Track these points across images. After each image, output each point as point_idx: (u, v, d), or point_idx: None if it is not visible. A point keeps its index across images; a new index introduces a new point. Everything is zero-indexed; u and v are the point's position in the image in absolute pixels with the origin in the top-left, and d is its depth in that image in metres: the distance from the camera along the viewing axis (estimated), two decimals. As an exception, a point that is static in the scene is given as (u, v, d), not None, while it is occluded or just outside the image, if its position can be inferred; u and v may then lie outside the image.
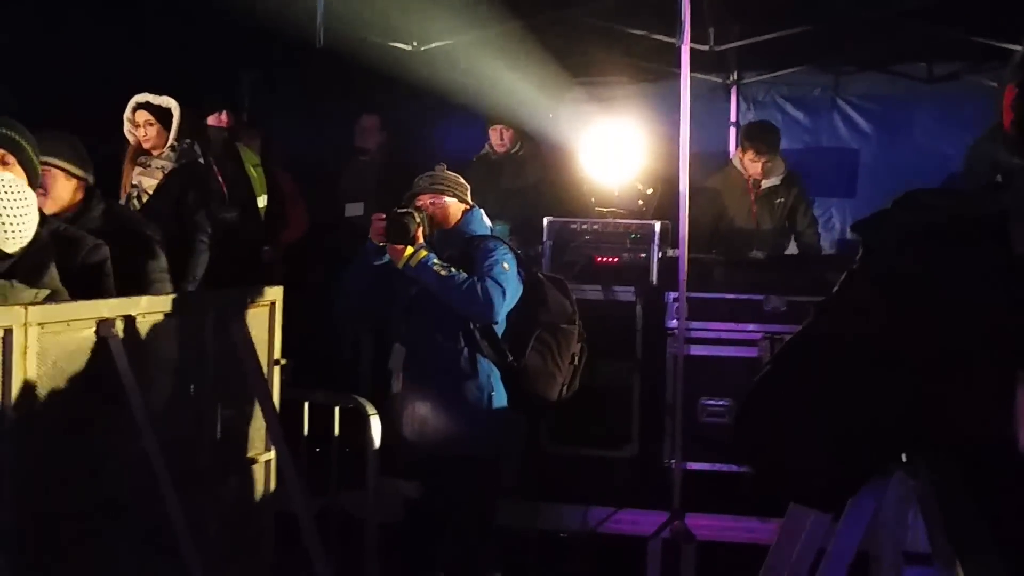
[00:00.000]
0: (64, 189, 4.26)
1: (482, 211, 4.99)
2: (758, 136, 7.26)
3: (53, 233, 3.94)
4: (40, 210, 3.95)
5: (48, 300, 3.48)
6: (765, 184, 7.25)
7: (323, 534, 4.31)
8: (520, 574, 5.20)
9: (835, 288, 1.63)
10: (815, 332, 1.58)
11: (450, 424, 4.71)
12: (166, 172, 6.01)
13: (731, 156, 7.75)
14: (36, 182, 4.08)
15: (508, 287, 4.66)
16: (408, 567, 4.92)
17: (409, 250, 4.64)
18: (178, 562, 3.57)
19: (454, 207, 4.89)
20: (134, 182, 6.01)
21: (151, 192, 5.97)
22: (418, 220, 4.69)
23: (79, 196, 4.33)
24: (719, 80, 8.59)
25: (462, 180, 4.99)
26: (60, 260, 3.85)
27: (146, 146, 6.04)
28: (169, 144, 6.03)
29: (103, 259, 4.01)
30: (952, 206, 1.58)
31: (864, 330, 1.51)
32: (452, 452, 4.70)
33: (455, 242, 4.83)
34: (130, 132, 6.04)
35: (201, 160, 6.12)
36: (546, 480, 6.23)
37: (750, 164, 7.21)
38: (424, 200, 4.86)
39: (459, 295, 4.59)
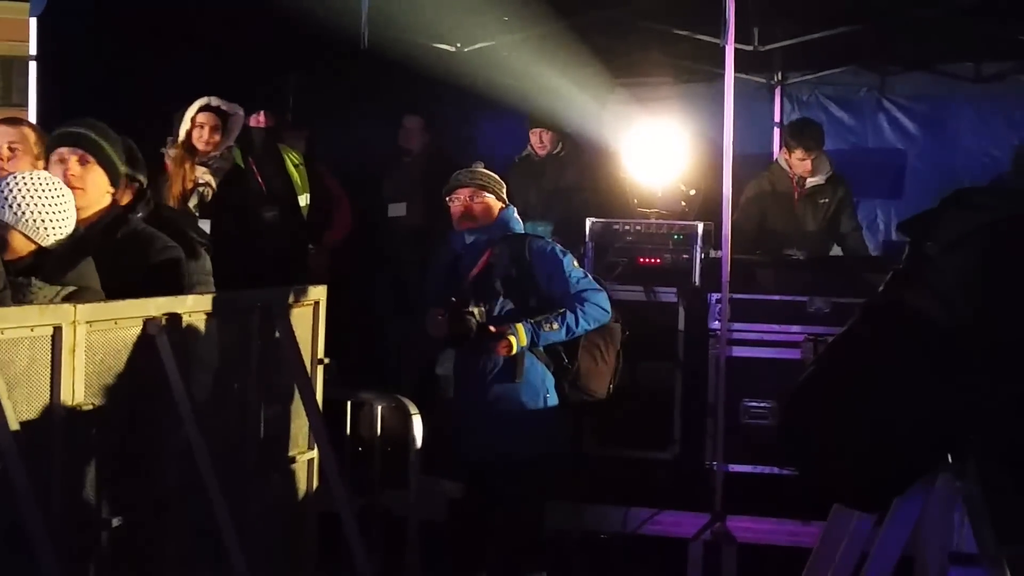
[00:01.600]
0: (103, 187, 4.28)
1: (515, 210, 5.02)
2: (806, 133, 7.21)
3: (129, 232, 4.01)
4: (121, 209, 4.04)
5: (73, 297, 3.51)
6: (810, 183, 7.20)
7: (365, 533, 4.33)
8: (562, 575, 5.19)
9: (880, 288, 1.61)
10: (860, 332, 1.57)
11: (505, 426, 4.72)
12: (224, 172, 6.11)
13: (775, 157, 7.69)
14: (117, 183, 4.16)
15: (595, 284, 4.79)
16: (451, 566, 4.93)
17: (514, 341, 4.66)
18: (222, 559, 3.59)
19: (492, 203, 4.93)
20: (201, 180, 6.09)
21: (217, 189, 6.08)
22: (475, 311, 4.70)
23: (128, 197, 4.36)
24: (763, 80, 8.54)
25: (499, 178, 5.02)
26: (132, 259, 3.94)
27: (204, 148, 6.10)
28: (227, 146, 6.12)
29: (175, 259, 4.06)
30: (1004, 205, 1.56)
31: (913, 331, 1.50)
32: (507, 454, 4.71)
33: (493, 238, 4.85)
34: (187, 131, 6.10)
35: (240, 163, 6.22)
36: (588, 481, 6.22)
37: (797, 163, 7.16)
38: (463, 194, 4.89)
39: (583, 331, 4.72)
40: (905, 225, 1.62)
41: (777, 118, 8.49)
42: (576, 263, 4.81)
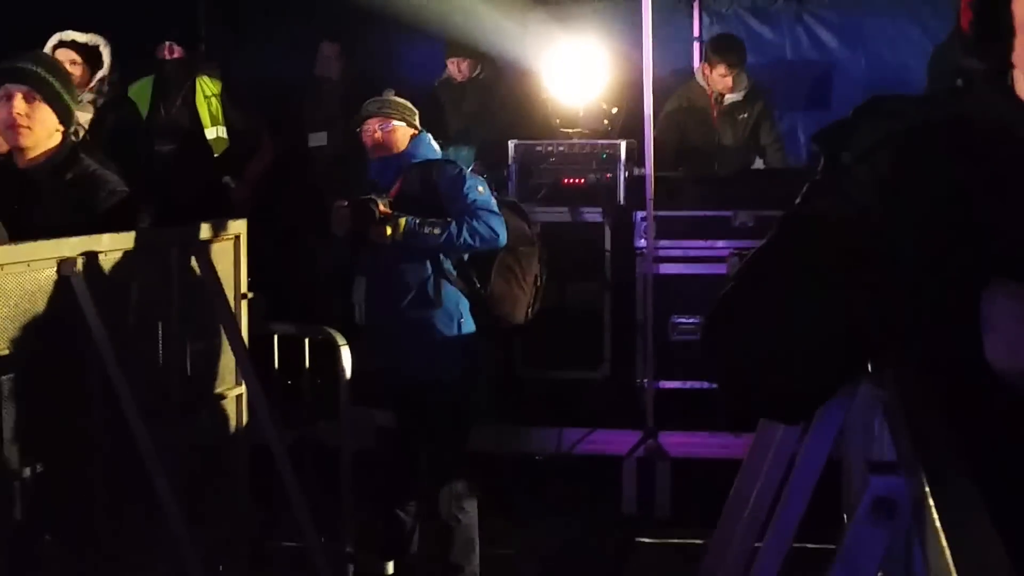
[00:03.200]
0: (52, 125, 4.10)
1: (430, 136, 4.97)
2: (729, 49, 7.18)
3: (80, 174, 3.89)
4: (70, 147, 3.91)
5: None
6: (728, 99, 7.20)
7: (297, 465, 4.32)
8: (496, 498, 5.23)
9: (798, 200, 1.61)
10: (778, 244, 1.56)
11: (421, 352, 4.72)
12: (97, 107, 5.91)
13: (694, 71, 7.68)
14: (69, 120, 4.01)
15: (495, 207, 4.69)
16: (383, 494, 4.95)
17: (389, 229, 4.62)
18: (152, 497, 3.56)
19: (402, 131, 4.88)
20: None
21: (87, 128, 5.91)
22: (379, 201, 4.66)
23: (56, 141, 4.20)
24: (681, -6, 8.50)
25: (410, 105, 4.96)
26: (85, 202, 3.83)
27: None
28: (99, 78, 5.93)
29: (124, 200, 3.96)
30: (917, 112, 1.56)
31: (829, 240, 1.49)
32: (425, 380, 4.71)
33: (404, 166, 4.81)
34: None
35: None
36: (520, 404, 6.25)
37: (719, 79, 7.14)
38: (372, 124, 4.84)
39: (464, 243, 4.61)
40: (820, 136, 1.61)
41: (696, 33, 8.45)
42: (483, 188, 4.75)
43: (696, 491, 5.48)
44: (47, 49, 5.86)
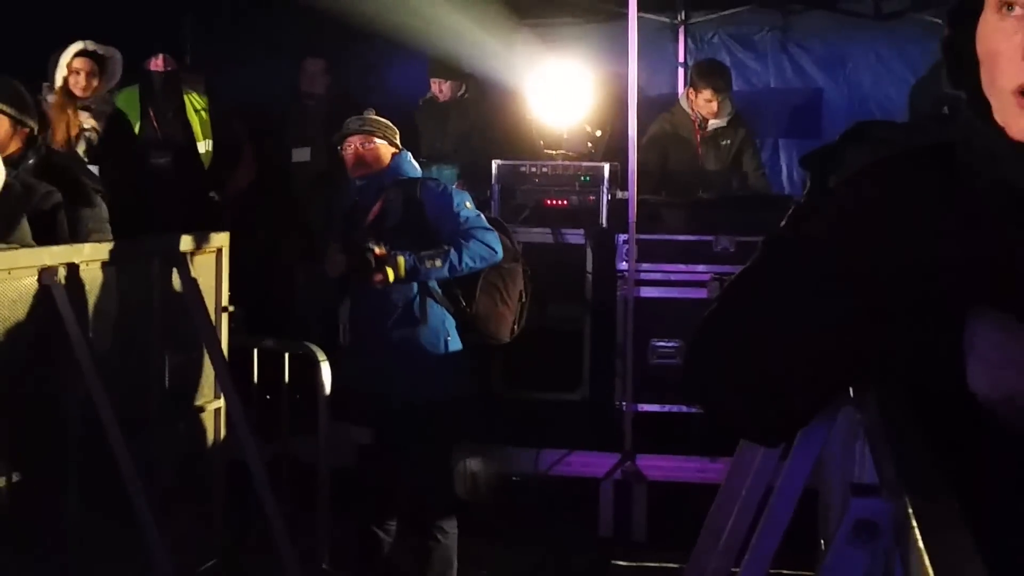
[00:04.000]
0: (4, 134, 4.16)
1: (410, 154, 4.98)
2: (716, 73, 7.21)
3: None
4: (14, 157, 3.90)
5: None
6: (712, 124, 7.22)
7: (275, 481, 4.30)
8: (473, 517, 5.22)
9: (782, 223, 1.61)
10: (761, 267, 1.56)
11: (407, 371, 4.70)
12: (108, 116, 5.97)
13: (679, 97, 7.71)
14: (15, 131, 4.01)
15: (486, 222, 4.73)
16: (361, 512, 4.93)
17: (391, 274, 4.61)
18: (127, 509, 3.54)
19: (384, 149, 4.88)
20: (86, 126, 5.96)
21: (101, 136, 5.95)
22: (375, 247, 4.65)
23: (17, 145, 4.23)
24: (667, 20, 8.54)
25: (391, 124, 4.97)
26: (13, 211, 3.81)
27: (82, 94, 5.97)
28: (108, 89, 5.99)
29: (55, 205, 3.95)
30: (903, 138, 1.57)
31: (812, 263, 1.50)
32: (409, 399, 4.69)
33: (385, 184, 4.81)
34: (63, 77, 5.95)
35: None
36: (498, 424, 6.25)
37: (704, 103, 7.16)
38: (354, 141, 4.85)
39: (466, 267, 4.65)
40: (806, 159, 1.62)
41: (681, 58, 8.50)
42: (470, 203, 4.77)
43: (673, 514, 5.48)
44: (67, 55, 5.92)
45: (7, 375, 3.28)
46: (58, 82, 5.94)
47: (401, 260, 4.59)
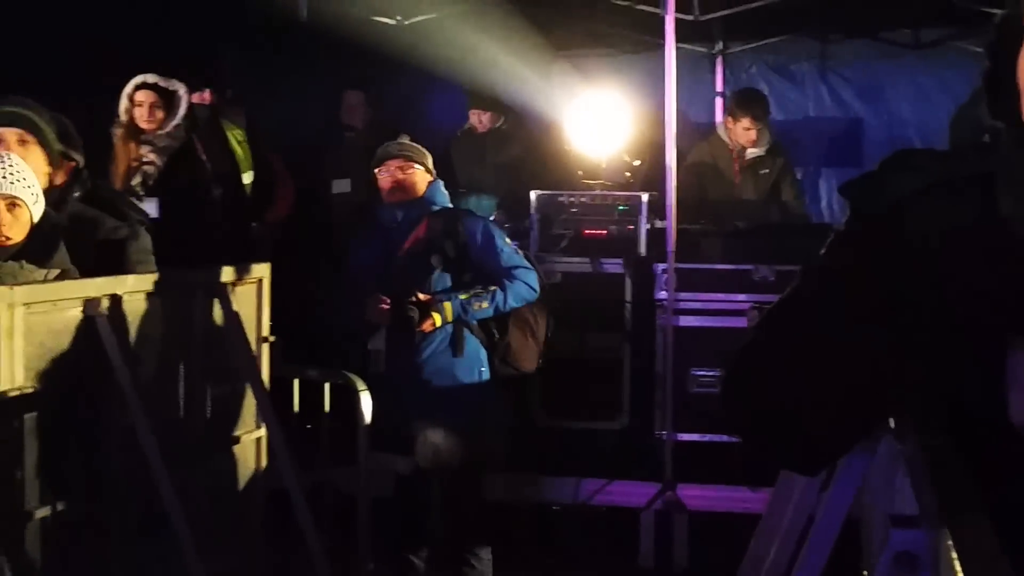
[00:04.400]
0: (42, 167, 4.20)
1: (442, 183, 5.01)
2: (754, 102, 7.22)
3: (73, 214, 3.94)
4: (58, 190, 3.96)
5: (61, 280, 3.47)
6: (750, 154, 7.22)
7: (315, 510, 4.31)
8: (512, 547, 5.21)
9: (822, 251, 1.61)
10: (800, 295, 1.56)
11: (442, 401, 4.72)
12: (172, 151, 6.03)
13: (717, 126, 7.71)
14: (55, 162, 4.07)
15: (525, 261, 4.81)
16: (400, 542, 4.93)
17: (439, 318, 4.66)
18: (170, 540, 3.56)
19: (420, 176, 4.93)
20: (146, 159, 6.02)
21: (163, 168, 6.01)
22: (418, 297, 4.69)
23: (63, 177, 4.28)
24: (704, 50, 8.55)
25: (425, 150, 5.01)
26: (79, 239, 3.85)
27: (147, 126, 6.02)
28: (175, 124, 6.04)
29: (124, 239, 4.00)
30: (943, 167, 1.56)
31: (852, 292, 1.50)
32: (443, 428, 4.71)
33: (423, 212, 4.83)
34: (127, 111, 6.02)
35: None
36: (538, 453, 6.23)
37: (742, 132, 7.16)
38: (393, 164, 4.88)
39: (509, 307, 4.74)
40: (846, 187, 1.61)
41: (719, 88, 8.50)
42: (507, 239, 4.81)
43: (714, 545, 5.45)
44: (128, 89, 5.98)
45: (51, 405, 3.31)
46: (122, 115, 6.01)
47: (448, 306, 4.63)
